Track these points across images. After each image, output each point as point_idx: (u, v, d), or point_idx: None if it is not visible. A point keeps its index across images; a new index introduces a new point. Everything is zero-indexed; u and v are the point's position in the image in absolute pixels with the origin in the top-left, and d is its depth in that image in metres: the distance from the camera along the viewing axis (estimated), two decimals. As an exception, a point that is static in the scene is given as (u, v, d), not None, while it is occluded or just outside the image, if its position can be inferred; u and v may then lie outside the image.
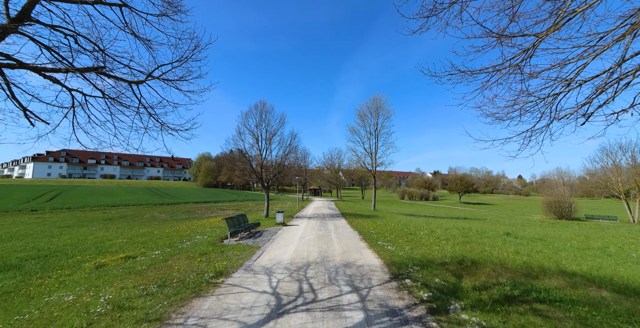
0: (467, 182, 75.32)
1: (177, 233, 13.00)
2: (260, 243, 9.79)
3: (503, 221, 26.99)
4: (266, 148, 18.27)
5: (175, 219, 22.76)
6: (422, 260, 7.22)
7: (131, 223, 19.64)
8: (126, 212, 27.29)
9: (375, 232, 12.05)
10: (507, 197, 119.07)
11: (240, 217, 12.26)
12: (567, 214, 37.27)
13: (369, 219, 18.26)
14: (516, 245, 10.01)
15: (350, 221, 16.56)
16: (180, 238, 11.41)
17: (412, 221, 17.42)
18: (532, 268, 6.51)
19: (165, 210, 30.79)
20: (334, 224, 15.45)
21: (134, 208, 32.22)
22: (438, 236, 10.90)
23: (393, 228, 13.60)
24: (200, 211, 30.29)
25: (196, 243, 9.85)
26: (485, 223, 23.36)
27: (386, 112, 26.40)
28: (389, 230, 12.66)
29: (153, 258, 7.84)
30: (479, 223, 21.59)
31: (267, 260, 7.44)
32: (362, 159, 26.83)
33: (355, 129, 27.34)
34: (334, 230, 13.01)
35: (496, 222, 25.12)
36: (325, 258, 7.58)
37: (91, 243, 11.56)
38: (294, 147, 18.98)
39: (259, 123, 18.03)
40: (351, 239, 10.66)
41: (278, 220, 14.75)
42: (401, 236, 11.08)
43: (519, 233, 14.12)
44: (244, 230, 11.22)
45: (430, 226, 14.71)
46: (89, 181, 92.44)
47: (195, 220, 21.05)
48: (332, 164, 66.95)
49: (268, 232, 12.29)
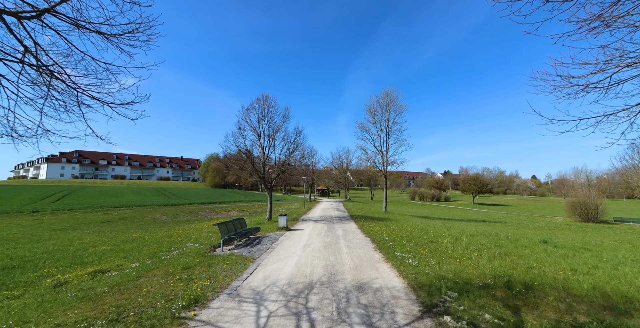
0: (481, 182, 72.44)
1: (169, 239, 11.75)
2: (256, 254, 8.38)
3: (526, 225, 24.88)
4: (269, 145, 16.92)
5: (175, 221, 21.68)
6: (456, 280, 5.65)
7: (128, 226, 18.60)
8: (128, 213, 26.45)
9: (390, 239, 10.49)
10: (521, 198, 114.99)
11: (237, 222, 10.90)
12: (594, 216, 34.65)
13: (381, 223, 16.67)
14: (563, 257, 8.28)
15: (360, 226, 15.02)
16: (169, 246, 10.14)
17: (430, 226, 15.74)
18: (609, 296, 4.86)
19: (169, 211, 29.89)
20: (343, 229, 13.94)
21: (138, 209, 31.48)
22: (466, 245, 9.26)
23: (410, 234, 12.00)
24: (203, 213, 29.26)
25: (183, 253, 8.52)
26: (508, 227, 21.39)
27: (398, 108, 24.74)
28: (406, 237, 11.07)
29: (126, 273, 6.52)
30: (503, 228, 19.68)
31: (260, 279, 6.00)
32: (373, 157, 25.18)
33: (365, 126, 25.73)
34: (343, 236, 11.50)
35: (520, 226, 23.08)
36: (333, 276, 6.09)
37: (73, 250, 10.40)
38: (299, 144, 17.56)
39: (261, 118, 16.69)
40: (363, 248, 9.14)
41: (281, 224, 13.35)
42: (421, 244, 9.49)
43: (556, 240, 12.28)
44: (241, 236, 9.85)
45: (452, 231, 13.03)
46: (100, 181, 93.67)
47: (195, 223, 19.89)
48: (340, 164, 65.32)
49: (268, 239, 10.89)
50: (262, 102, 16.68)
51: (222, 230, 9.10)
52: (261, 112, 16.69)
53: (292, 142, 17.21)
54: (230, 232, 9.65)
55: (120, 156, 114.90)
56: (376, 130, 25.35)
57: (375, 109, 25.17)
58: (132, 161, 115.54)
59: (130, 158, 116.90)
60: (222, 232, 9.01)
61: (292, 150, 17.36)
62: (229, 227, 9.66)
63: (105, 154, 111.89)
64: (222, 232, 9.05)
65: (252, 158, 16.13)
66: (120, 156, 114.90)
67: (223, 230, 9.17)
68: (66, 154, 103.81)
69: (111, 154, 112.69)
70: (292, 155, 17.48)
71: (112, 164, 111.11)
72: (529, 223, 28.61)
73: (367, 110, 25.75)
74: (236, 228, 10.43)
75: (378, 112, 25.15)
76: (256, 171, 16.25)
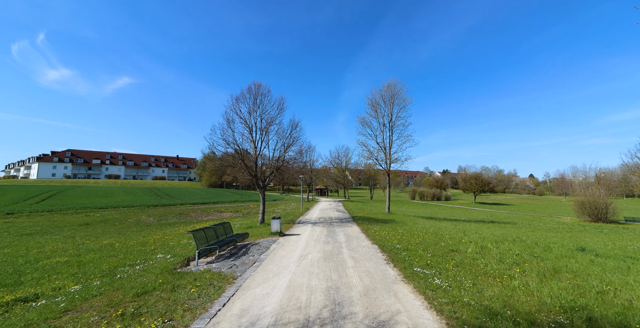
0: (482, 181, 71.06)
1: (141, 247, 9.99)
2: (239, 270, 6.64)
3: (539, 226, 23.32)
4: (262, 139, 15.16)
5: (161, 224, 19.89)
6: (513, 316, 3.95)
7: (105, 230, 16.79)
8: (112, 215, 24.59)
9: (402, 248, 8.79)
10: (520, 197, 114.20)
11: (220, 227, 9.15)
12: (604, 216, 33.25)
13: (386, 225, 14.98)
14: (620, 271, 6.62)
15: (364, 229, 13.32)
16: (137, 257, 8.38)
17: (442, 229, 14.06)
18: None
19: (157, 212, 28.04)
20: (345, 233, 12.23)
21: (125, 210, 29.59)
22: (498, 257, 7.57)
23: (423, 239, 10.31)
24: (194, 214, 27.44)
25: (147, 269, 6.78)
26: (522, 228, 19.78)
27: (402, 101, 22.99)
28: (420, 244, 9.38)
29: (53, 304, 4.76)
30: (517, 230, 18.06)
31: (235, 315, 4.26)
32: (375, 154, 23.42)
33: (367, 121, 23.91)
34: (346, 244, 9.79)
35: (533, 227, 21.49)
36: (338, 308, 4.38)
37: (21, 262, 8.61)
38: (295, 138, 15.81)
39: (253, 109, 14.92)
40: (372, 261, 7.43)
41: (273, 228, 11.60)
42: (442, 255, 7.80)
43: (591, 246, 10.65)
44: (225, 245, 8.12)
45: (470, 236, 11.36)
46: (93, 181, 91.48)
47: (181, 225, 18.11)
48: (339, 163, 63.57)
49: (258, 247, 9.15)
50: (253, 91, 14.92)
51: (198, 238, 7.35)
52: (253, 102, 14.92)
53: (287, 136, 15.46)
54: (210, 241, 7.90)
55: (115, 156, 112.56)
56: (379, 125, 23.65)
57: (377, 103, 23.44)
58: (126, 161, 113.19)
59: (124, 157, 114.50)
60: (197, 242, 7.25)
61: (288, 145, 15.61)
62: (208, 234, 7.91)
63: (98, 153, 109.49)
64: (198, 241, 7.30)
65: (243, 154, 14.36)
66: (115, 156, 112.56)
67: (200, 239, 7.42)
68: (58, 153, 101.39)
69: (105, 154, 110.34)
70: (288, 151, 15.74)
71: (106, 164, 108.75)
72: (539, 223, 27.08)
73: (368, 103, 24.00)
74: (218, 234, 8.68)
75: (380, 106, 23.42)
76: (247, 168, 14.49)
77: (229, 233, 9.58)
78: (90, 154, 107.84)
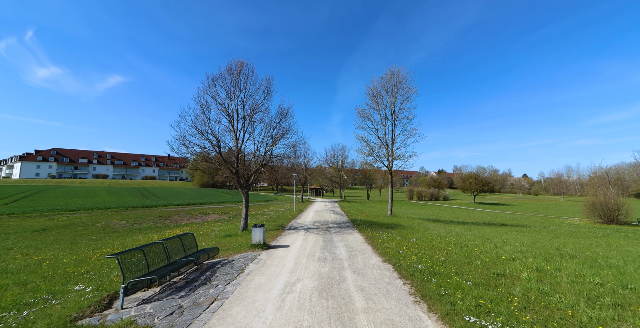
0: (482, 181, 69.32)
1: (74, 268, 7.38)
2: (182, 320, 4.12)
3: (557, 230, 21.19)
4: (244, 129, 12.62)
5: (131, 229, 17.21)
6: None
7: (59, 238, 14.08)
8: (80, 219, 21.77)
9: (427, 269, 6.36)
10: (517, 196, 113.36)
11: (175, 242, 6.60)
12: (616, 217, 31.39)
13: (393, 232, 12.55)
14: None
15: (369, 238, 10.87)
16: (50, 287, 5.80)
17: (461, 237, 11.67)
18: None
19: (134, 215, 25.24)
20: (346, 243, 9.77)
21: (99, 212, 26.70)
22: (577, 289, 5.17)
23: (447, 254, 7.90)
24: (175, 217, 24.74)
25: (35, 319, 4.23)
26: (547, 235, 17.53)
27: (406, 91, 20.61)
28: (448, 262, 6.96)
29: None
30: (543, 237, 15.83)
31: None
32: (376, 151, 20.98)
33: (367, 113, 21.40)
34: (349, 262, 7.33)
35: (555, 232, 19.28)
36: None
37: None
38: (285, 129, 13.31)
39: (234, 93, 12.38)
40: (392, 297, 4.98)
41: (255, 239, 9.05)
42: (490, 285, 5.38)
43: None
44: (178, 269, 5.61)
45: (504, 248, 8.98)
46: (78, 181, 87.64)
47: (152, 232, 15.49)
48: (335, 162, 61.12)
49: (228, 268, 6.64)
50: (234, 71, 12.36)
51: (126, 265, 4.79)
52: (234, 85, 12.36)
53: (275, 126, 12.94)
54: (152, 266, 5.36)
55: (103, 155, 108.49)
56: (380, 118, 21.25)
57: (378, 92, 20.97)
58: (115, 160, 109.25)
59: (113, 156, 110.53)
60: (125, 270, 4.70)
61: (276, 137, 13.09)
62: (149, 257, 5.36)
63: (85, 152, 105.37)
64: (127, 270, 4.75)
65: (220, 145, 11.80)
66: (103, 155, 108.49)
67: (130, 266, 4.86)
68: (42, 152, 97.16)
69: (92, 153, 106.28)
70: (277, 144, 13.22)
71: (94, 163, 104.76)
72: (552, 226, 24.98)
73: (368, 93, 21.46)
74: (171, 253, 6.13)
75: (382, 96, 20.96)
76: (226, 163, 11.94)
77: (190, 249, 7.03)
78: (76, 153, 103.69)
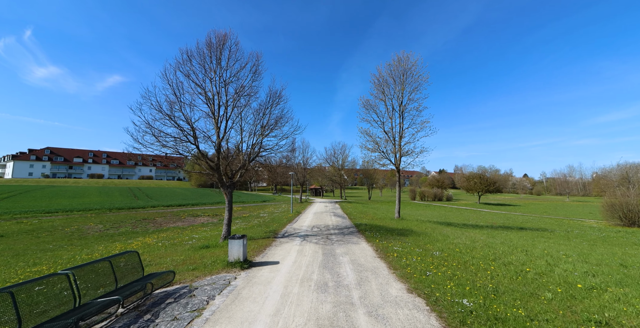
0: (487, 180, 67.11)
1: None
2: None
3: (580, 234, 19.01)
4: (226, 117, 10.41)
5: (104, 235, 15.01)
6: None
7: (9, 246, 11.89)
8: (53, 222, 19.57)
9: (478, 308, 4.17)
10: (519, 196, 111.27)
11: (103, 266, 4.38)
12: (639, 219, 29.24)
13: (407, 240, 10.32)
14: None
15: (380, 249, 8.65)
16: None
17: (493, 247, 9.45)
18: None
19: (116, 217, 23.03)
20: (353, 259, 7.56)
21: (78, 214, 24.46)
22: None
23: (495, 277, 5.71)
24: (160, 219, 22.54)
25: None
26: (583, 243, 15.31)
27: (416, 80, 18.42)
28: (505, 294, 4.76)
29: None
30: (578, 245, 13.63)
31: None
32: (383, 145, 18.75)
33: (372, 104, 19.20)
34: (360, 292, 5.12)
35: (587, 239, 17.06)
36: None
37: None
38: (277, 118, 11.09)
39: (214, 71, 10.17)
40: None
41: (232, 255, 6.79)
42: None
43: None
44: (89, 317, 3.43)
45: (561, 267, 6.79)
46: (72, 181, 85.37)
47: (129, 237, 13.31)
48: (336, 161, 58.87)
49: (181, 307, 4.44)
50: (215, 45, 10.15)
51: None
52: (215, 62, 10.16)
53: (265, 111, 10.72)
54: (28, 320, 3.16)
55: (98, 154, 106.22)
56: (386, 110, 19.07)
57: (385, 81, 18.76)
58: (110, 159, 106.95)
59: (109, 155, 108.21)
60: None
61: (268, 126, 10.88)
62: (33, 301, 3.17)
63: (80, 151, 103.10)
64: None
65: (196, 135, 9.59)
66: (98, 154, 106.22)
67: None
68: (36, 151, 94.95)
69: (87, 152, 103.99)
70: (268, 134, 11.01)
71: (89, 163, 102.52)
72: (577, 230, 22.77)
73: (373, 82, 19.20)
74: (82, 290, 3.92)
75: (389, 85, 18.77)
76: (203, 157, 9.73)
77: (128, 276, 4.80)
78: (71, 152, 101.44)
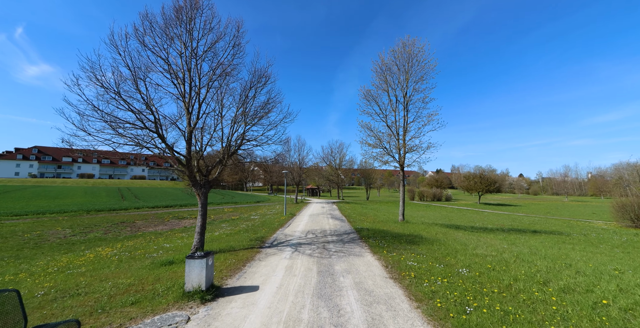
0: (487, 180, 65.78)
1: None
2: None
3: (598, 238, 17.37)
4: (199, 100, 8.45)
5: (62, 242, 12.96)
6: None
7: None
8: (14, 226, 17.39)
9: None
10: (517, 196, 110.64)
11: None
12: (651, 220, 27.77)
13: (421, 250, 8.45)
14: None
15: (390, 265, 6.78)
16: None
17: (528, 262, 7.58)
18: None
19: (90, 220, 20.88)
20: (357, 281, 5.65)
21: (49, 217, 22.25)
22: None
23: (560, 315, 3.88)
24: (140, 222, 20.45)
25: None
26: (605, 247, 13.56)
27: (422, 68, 16.59)
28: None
29: None
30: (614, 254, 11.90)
31: None
32: (386, 140, 16.87)
33: (373, 94, 17.34)
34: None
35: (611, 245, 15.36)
36: None
37: None
38: (262, 104, 9.16)
39: (183, 43, 8.21)
40: None
41: (191, 281, 4.83)
42: None
43: None
44: None
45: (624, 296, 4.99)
46: (61, 180, 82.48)
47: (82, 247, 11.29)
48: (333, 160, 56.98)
49: None
50: (185, 9, 8.18)
51: None
52: (186, 32, 8.19)
53: (248, 94, 8.78)
54: None
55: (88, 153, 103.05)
56: (389, 101, 17.22)
57: (388, 69, 16.87)
58: (101, 158, 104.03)
59: (99, 154, 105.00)
60: None
61: (250, 114, 8.94)
62: None
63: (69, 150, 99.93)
64: None
65: (160, 123, 7.64)
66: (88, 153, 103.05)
67: None
68: (23, 150, 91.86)
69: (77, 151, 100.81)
70: (253, 123, 9.07)
71: (78, 162, 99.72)
72: (586, 231, 21.14)
73: (375, 70, 17.30)
74: None
75: (393, 74, 16.91)
76: (170, 150, 7.78)
77: None
78: (60, 151, 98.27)
